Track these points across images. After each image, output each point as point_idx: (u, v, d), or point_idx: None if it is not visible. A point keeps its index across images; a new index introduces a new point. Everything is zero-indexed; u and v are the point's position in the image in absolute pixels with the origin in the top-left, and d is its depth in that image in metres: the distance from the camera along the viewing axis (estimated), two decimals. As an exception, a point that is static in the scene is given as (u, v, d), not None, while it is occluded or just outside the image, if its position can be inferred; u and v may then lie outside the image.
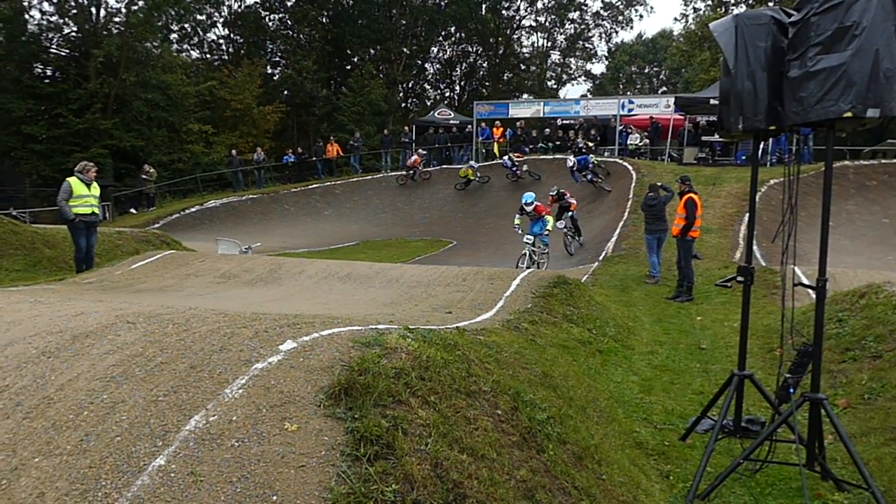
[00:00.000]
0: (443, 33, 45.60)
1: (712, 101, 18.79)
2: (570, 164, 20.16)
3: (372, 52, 42.18)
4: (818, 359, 3.79)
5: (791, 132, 4.16)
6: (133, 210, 24.63)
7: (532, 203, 13.70)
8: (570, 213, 15.72)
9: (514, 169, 23.42)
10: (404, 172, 26.04)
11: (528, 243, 13.38)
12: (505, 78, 48.04)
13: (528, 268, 12.21)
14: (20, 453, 2.26)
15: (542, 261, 13.55)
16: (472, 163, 25.02)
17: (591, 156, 20.78)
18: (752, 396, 4.80)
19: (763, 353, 6.82)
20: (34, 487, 2.11)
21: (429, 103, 45.59)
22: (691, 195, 10.49)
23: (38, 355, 2.91)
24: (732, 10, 33.68)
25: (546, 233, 13.54)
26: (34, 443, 2.31)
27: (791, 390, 3.85)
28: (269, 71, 40.25)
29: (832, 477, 3.86)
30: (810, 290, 3.91)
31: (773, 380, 4.24)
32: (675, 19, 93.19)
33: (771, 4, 28.44)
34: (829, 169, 3.74)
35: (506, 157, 23.88)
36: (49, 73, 29.75)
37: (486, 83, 47.53)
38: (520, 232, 13.87)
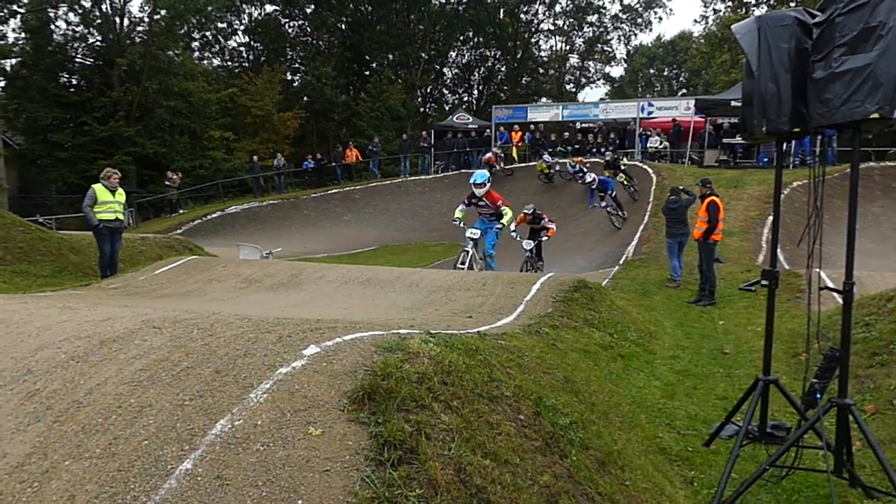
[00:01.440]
0: (461, 38, 45.71)
1: (733, 103, 18.60)
2: (590, 179, 18.07)
3: (390, 57, 42.37)
4: (845, 363, 3.73)
5: (815, 134, 4.11)
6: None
7: (484, 184, 10.41)
8: (544, 238, 12.34)
9: (577, 173, 20.80)
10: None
11: (471, 239, 10.37)
12: (523, 82, 47.98)
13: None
14: (51, 456, 2.30)
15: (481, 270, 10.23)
16: (546, 157, 24.08)
17: (620, 176, 18.99)
18: (777, 402, 4.73)
19: (788, 357, 6.72)
20: (65, 490, 2.15)
21: (447, 108, 45.70)
22: (713, 198, 10.39)
23: (67, 360, 2.96)
24: (753, 11, 33.37)
25: (498, 227, 10.65)
26: (64, 446, 2.35)
27: (818, 395, 3.79)
28: (289, 77, 40.63)
29: (861, 484, 3.79)
30: (836, 294, 3.86)
31: (799, 385, 4.18)
32: (695, 21, 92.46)
33: (793, 5, 28.12)
34: (855, 170, 3.68)
35: (567, 162, 22.25)
36: (74, 82, 30.32)
37: (505, 87, 47.51)
38: (462, 226, 10.92)
